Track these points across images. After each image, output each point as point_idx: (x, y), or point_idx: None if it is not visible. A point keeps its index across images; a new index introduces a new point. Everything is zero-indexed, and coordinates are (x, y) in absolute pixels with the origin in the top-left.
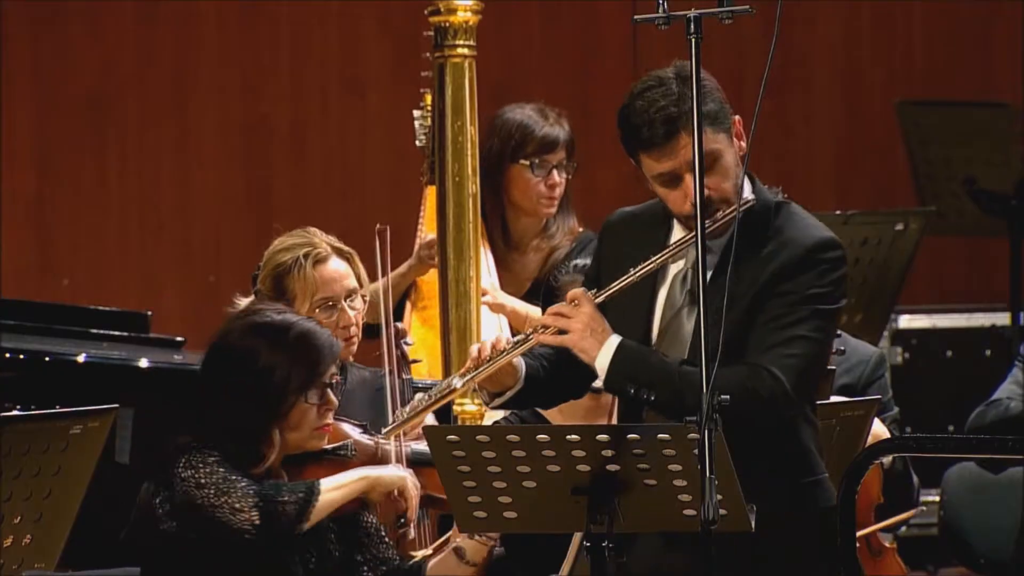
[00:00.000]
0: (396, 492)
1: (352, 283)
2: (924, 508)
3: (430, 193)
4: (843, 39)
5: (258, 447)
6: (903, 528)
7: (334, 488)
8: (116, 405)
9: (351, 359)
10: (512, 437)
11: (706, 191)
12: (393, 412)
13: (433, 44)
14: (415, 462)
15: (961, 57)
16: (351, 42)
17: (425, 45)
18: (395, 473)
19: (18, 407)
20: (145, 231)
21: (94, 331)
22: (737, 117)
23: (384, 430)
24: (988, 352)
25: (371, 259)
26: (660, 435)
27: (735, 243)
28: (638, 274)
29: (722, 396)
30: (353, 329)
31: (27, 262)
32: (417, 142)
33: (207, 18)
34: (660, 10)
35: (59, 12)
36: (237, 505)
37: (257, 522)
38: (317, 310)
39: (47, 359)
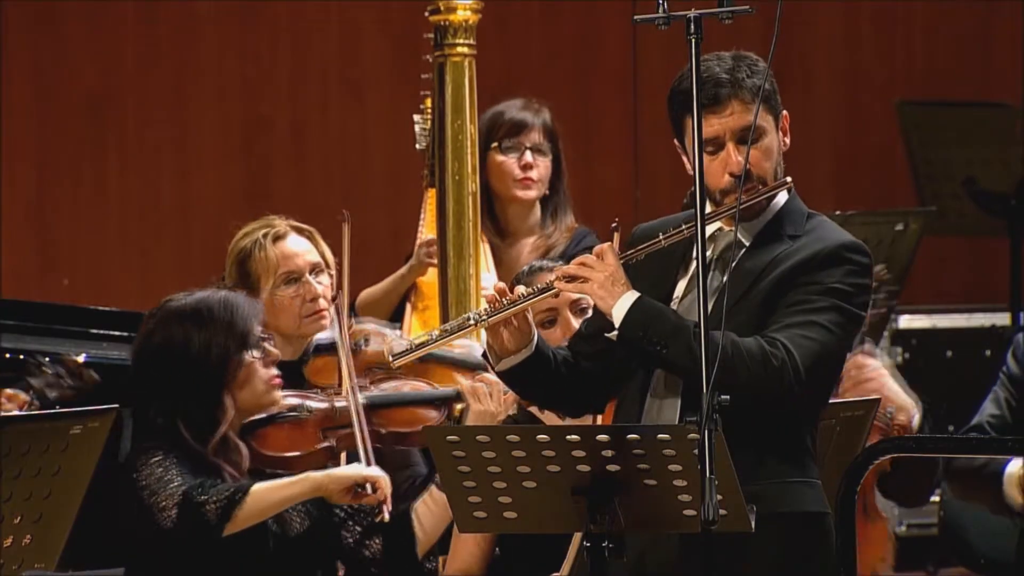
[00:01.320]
0: (361, 486)
1: (314, 257)
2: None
3: (430, 196)
4: (843, 39)
5: (214, 417)
6: (903, 528)
7: (271, 490)
8: (116, 405)
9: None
10: (512, 437)
11: (747, 165)
12: (341, 384)
13: (433, 43)
14: (374, 405)
15: (961, 57)
16: (351, 42)
17: (425, 46)
18: (348, 470)
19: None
20: (145, 231)
21: (94, 331)
22: (785, 113)
23: (393, 357)
24: (988, 352)
25: (370, 261)
26: (660, 435)
27: (764, 234)
28: (667, 240)
29: (723, 397)
30: (322, 302)
31: (27, 262)
32: (417, 145)
33: (207, 18)
34: (660, 10)
35: (59, 12)
36: (162, 504)
37: (175, 521)
38: (282, 285)
39: (47, 359)
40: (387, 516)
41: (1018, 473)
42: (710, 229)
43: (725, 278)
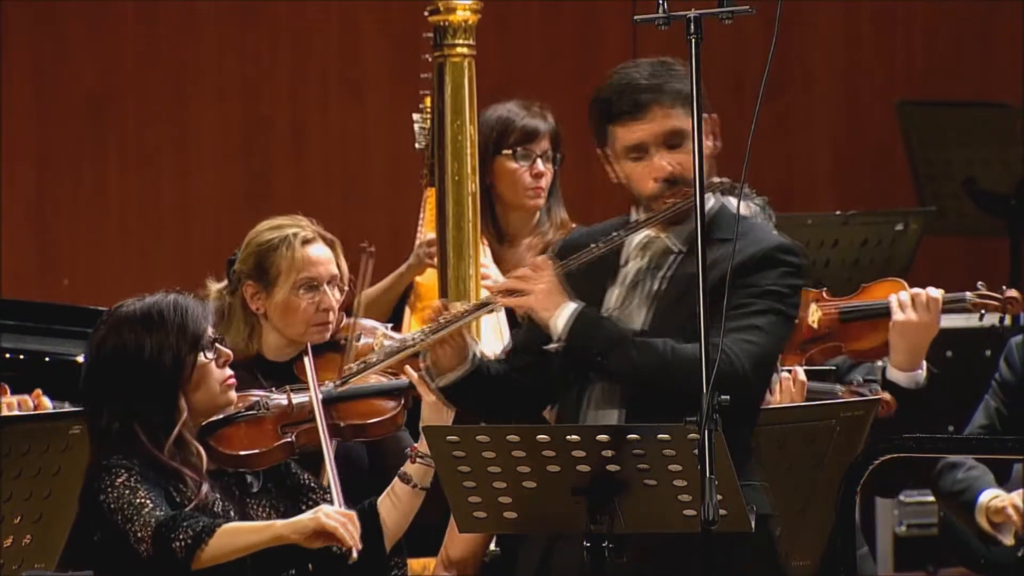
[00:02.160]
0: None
1: (334, 270)
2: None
3: (430, 195)
4: (843, 39)
5: (169, 420)
6: (903, 528)
7: (236, 534)
8: None
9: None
10: (512, 437)
11: (672, 168)
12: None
13: (432, 43)
14: (331, 399)
15: (961, 57)
16: (351, 42)
17: (425, 46)
18: (305, 519)
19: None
20: (145, 231)
21: None
22: (714, 116)
23: (334, 384)
24: (988, 352)
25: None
26: (660, 435)
27: (695, 239)
28: (602, 249)
29: (723, 397)
30: (331, 315)
31: (27, 262)
32: (416, 145)
33: (207, 18)
34: (660, 10)
35: (59, 12)
36: (139, 534)
37: (151, 552)
38: (301, 290)
39: (47, 359)
40: (355, 556)
41: (985, 503)
42: (640, 237)
43: (660, 285)
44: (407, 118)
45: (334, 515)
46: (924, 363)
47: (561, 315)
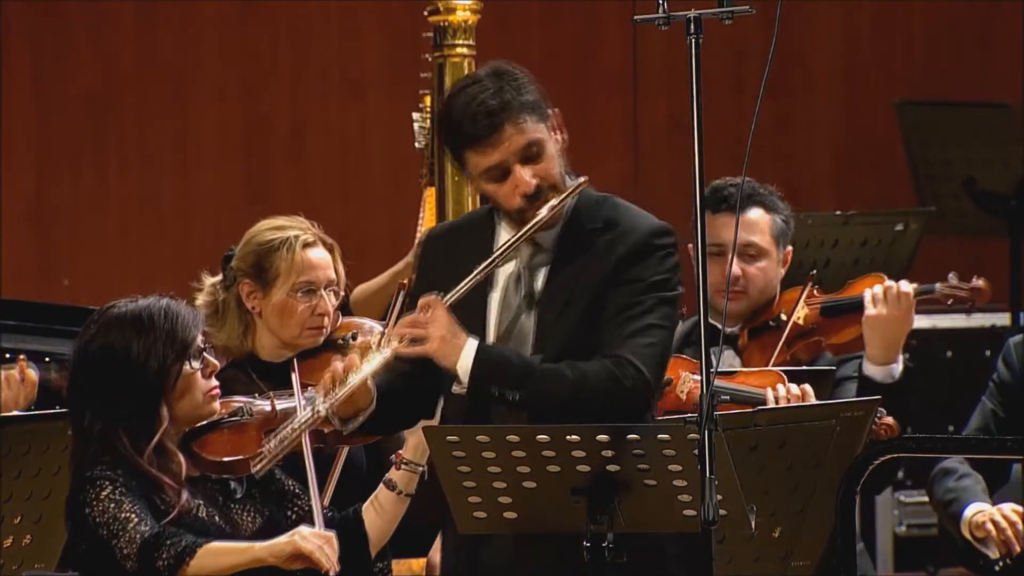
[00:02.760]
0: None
1: (332, 274)
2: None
3: (429, 195)
4: (843, 39)
5: (150, 425)
6: (903, 528)
7: (219, 555)
8: None
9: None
10: (512, 437)
11: (534, 180)
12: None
13: (432, 43)
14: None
15: (961, 57)
16: (351, 42)
17: (425, 46)
18: (283, 542)
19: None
20: (145, 231)
21: None
22: (556, 110)
23: (254, 467)
24: (988, 352)
25: (370, 261)
26: (660, 435)
27: (566, 235)
28: (483, 271)
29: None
30: (326, 320)
31: (27, 262)
32: (416, 144)
33: (207, 18)
34: (660, 10)
35: (59, 12)
36: (125, 551)
37: (137, 568)
38: (298, 293)
39: (47, 359)
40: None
41: (968, 518)
42: (506, 237)
43: (538, 284)
44: (407, 118)
45: (311, 538)
46: (901, 357)
47: (463, 360)
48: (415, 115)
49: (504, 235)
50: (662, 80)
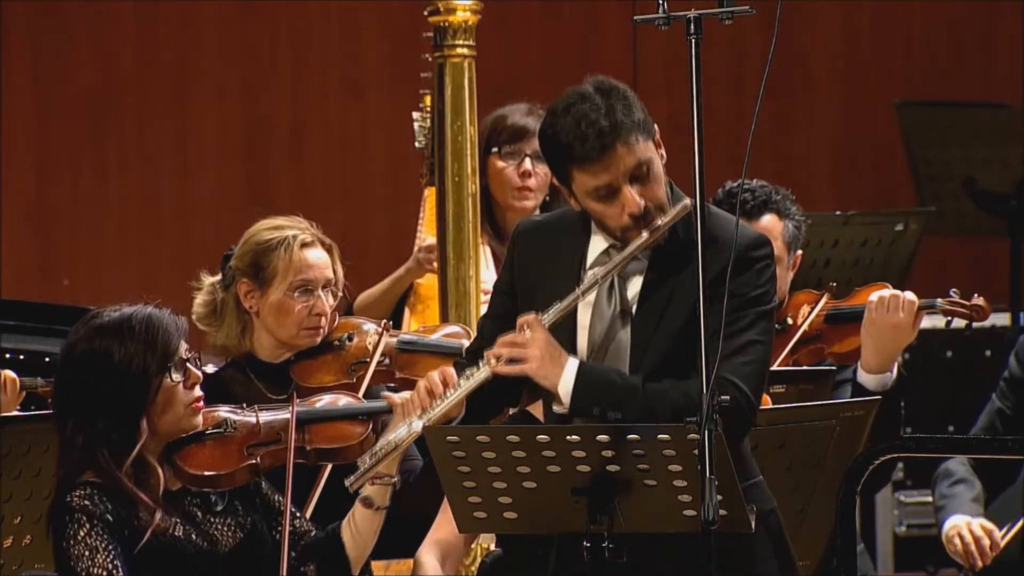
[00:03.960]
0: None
1: (330, 274)
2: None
3: (429, 195)
4: (843, 39)
5: (130, 438)
6: (903, 528)
7: None
8: None
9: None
10: (512, 437)
11: (642, 202)
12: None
13: (432, 44)
14: (304, 420)
15: (961, 57)
16: (351, 42)
17: (425, 46)
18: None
19: (18, 407)
20: (145, 231)
21: None
22: (656, 126)
23: (348, 481)
24: (988, 352)
25: (370, 261)
26: (660, 435)
27: (662, 246)
28: (584, 291)
29: (723, 397)
30: (323, 320)
31: (27, 262)
32: (416, 144)
33: (207, 18)
34: (660, 10)
35: (59, 12)
36: None
37: None
38: (295, 292)
39: (47, 359)
40: None
41: (945, 531)
42: (599, 244)
43: (633, 292)
44: (407, 118)
45: None
46: (896, 367)
47: (564, 381)
48: (415, 115)
49: (598, 244)
50: (662, 80)
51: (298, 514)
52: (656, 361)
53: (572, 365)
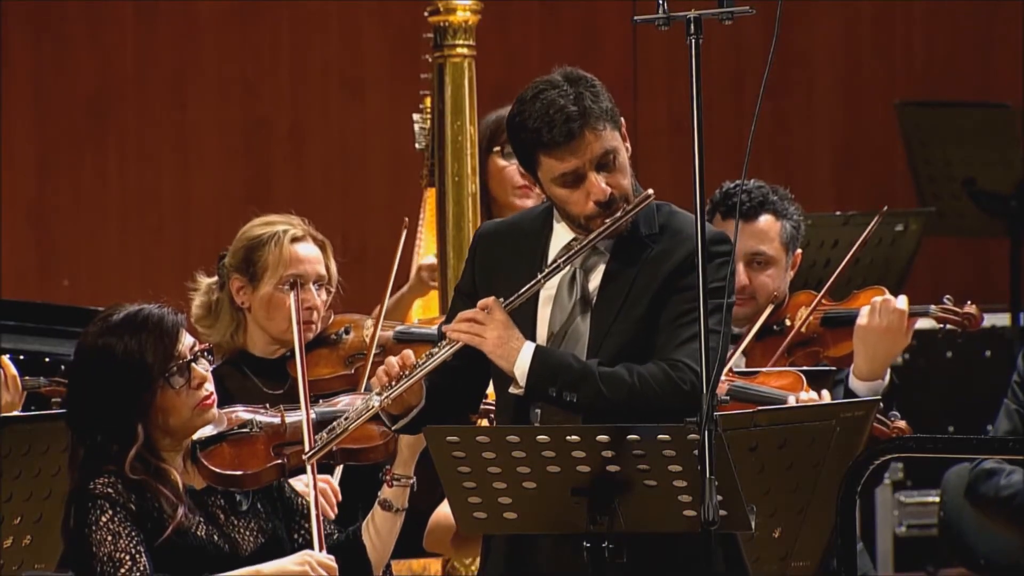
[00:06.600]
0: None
1: (321, 270)
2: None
3: (429, 196)
4: (843, 39)
5: (127, 441)
6: (903, 528)
7: None
8: None
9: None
10: (512, 437)
11: (608, 189)
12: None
13: (432, 44)
14: (323, 422)
15: (961, 57)
16: (351, 42)
17: (425, 46)
18: (292, 562)
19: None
20: (145, 231)
21: None
22: (622, 119)
23: (305, 455)
24: (988, 352)
25: (370, 261)
26: (660, 435)
27: (623, 240)
28: (545, 277)
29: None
30: (315, 314)
31: (27, 262)
32: (416, 145)
33: (207, 18)
34: (660, 10)
35: (59, 12)
36: None
37: None
38: (286, 286)
39: (47, 359)
40: None
41: None
42: (563, 238)
43: (593, 284)
44: (407, 118)
45: (317, 567)
46: (888, 374)
47: (520, 361)
48: (415, 117)
49: (562, 237)
50: (662, 80)
51: (312, 521)
52: (613, 350)
53: (528, 347)
